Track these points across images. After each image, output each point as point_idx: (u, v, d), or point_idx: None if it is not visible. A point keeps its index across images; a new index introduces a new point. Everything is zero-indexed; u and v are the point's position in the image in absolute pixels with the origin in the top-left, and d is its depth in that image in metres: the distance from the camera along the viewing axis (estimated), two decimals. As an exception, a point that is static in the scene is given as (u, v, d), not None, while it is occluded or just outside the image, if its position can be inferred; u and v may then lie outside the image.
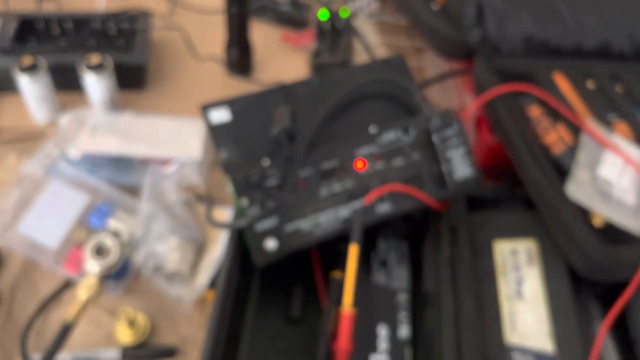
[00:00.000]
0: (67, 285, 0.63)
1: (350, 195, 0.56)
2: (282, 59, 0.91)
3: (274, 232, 0.53)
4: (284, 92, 0.60)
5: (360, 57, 0.89)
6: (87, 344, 0.60)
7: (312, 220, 0.55)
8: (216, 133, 0.58)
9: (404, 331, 0.57)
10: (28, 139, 0.77)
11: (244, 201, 0.53)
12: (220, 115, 0.59)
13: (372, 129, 0.57)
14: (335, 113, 0.61)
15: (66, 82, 0.79)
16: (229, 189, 0.68)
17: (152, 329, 0.61)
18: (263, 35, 0.86)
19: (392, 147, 0.57)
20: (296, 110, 0.58)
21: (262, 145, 0.59)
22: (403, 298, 0.60)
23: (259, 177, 0.53)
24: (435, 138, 0.56)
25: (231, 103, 0.59)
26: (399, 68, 0.64)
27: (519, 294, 0.57)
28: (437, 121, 0.57)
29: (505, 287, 0.58)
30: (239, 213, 0.53)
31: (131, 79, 0.81)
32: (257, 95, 0.61)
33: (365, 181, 0.56)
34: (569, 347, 0.53)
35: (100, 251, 0.57)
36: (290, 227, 0.54)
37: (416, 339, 0.57)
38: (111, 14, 0.85)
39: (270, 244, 0.52)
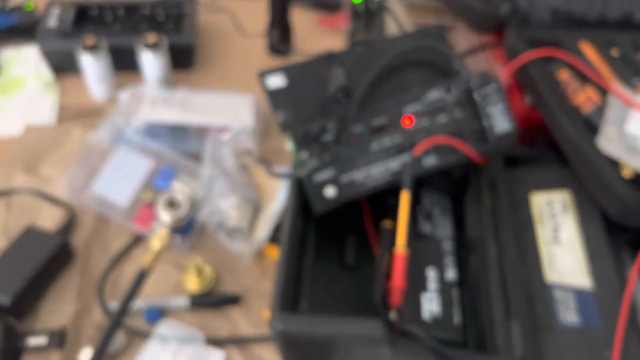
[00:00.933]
0: (137, 240, 0.68)
1: (399, 149, 0.60)
2: (319, 40, 0.95)
3: (332, 182, 0.58)
4: (333, 59, 0.64)
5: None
6: (158, 294, 0.64)
7: (365, 172, 0.59)
8: (273, 97, 0.62)
9: (451, 274, 0.61)
10: (89, 115, 0.82)
11: (304, 154, 0.58)
12: (276, 81, 0.63)
13: (417, 89, 0.61)
14: (381, 77, 0.65)
15: (121, 63, 0.83)
16: (288, 145, 0.72)
17: (216, 280, 0.66)
18: (301, 19, 0.91)
19: (436, 105, 0.61)
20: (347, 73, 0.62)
21: (314, 107, 0.63)
22: (448, 245, 0.63)
23: (317, 132, 0.58)
24: (476, 95, 0.60)
25: (286, 70, 0.64)
26: (438, 36, 0.68)
27: (555, 239, 0.60)
28: (476, 80, 0.61)
29: (542, 233, 0.61)
30: (299, 165, 0.58)
31: (181, 59, 0.85)
32: (309, 62, 0.65)
33: (412, 136, 0.60)
34: (606, 283, 0.56)
35: (171, 204, 0.61)
36: (345, 178, 0.58)
37: (462, 281, 0.61)
38: (159, 0, 0.89)
39: (330, 191, 0.57)
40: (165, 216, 0.61)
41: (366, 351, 0.49)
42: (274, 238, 0.66)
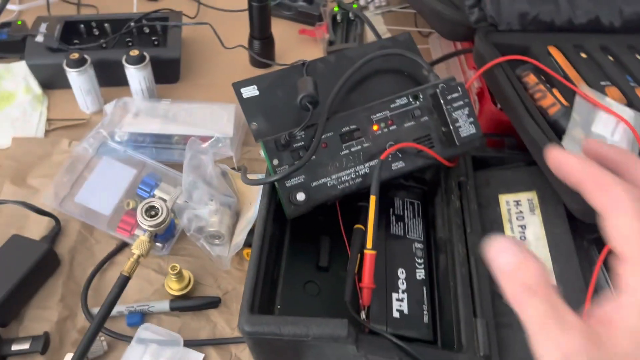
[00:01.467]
0: (121, 247, 0.69)
1: (369, 155, 0.61)
2: (300, 50, 0.97)
3: (302, 187, 0.59)
4: (304, 68, 0.65)
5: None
6: (140, 298, 0.66)
7: (335, 177, 0.60)
8: (247, 106, 0.63)
9: (420, 274, 0.62)
10: (76, 127, 0.83)
11: (275, 161, 0.59)
12: (249, 91, 0.64)
13: (385, 96, 0.63)
14: (351, 85, 0.66)
15: (107, 77, 0.85)
16: (262, 153, 0.73)
17: (195, 285, 0.67)
18: (281, 30, 0.92)
19: (404, 111, 0.63)
20: (316, 82, 0.63)
21: (287, 116, 0.64)
22: (418, 247, 0.65)
23: (286, 140, 0.59)
24: (442, 101, 0.61)
25: (258, 80, 0.65)
26: (407, 44, 0.70)
27: (523, 239, 0.62)
28: (443, 86, 0.62)
29: (510, 232, 0.62)
30: (272, 172, 0.59)
31: (166, 72, 0.87)
32: (281, 72, 0.66)
33: (380, 142, 0.61)
34: (570, 282, 0.57)
35: (150, 211, 0.63)
36: (316, 183, 0.60)
37: (431, 281, 0.62)
38: (145, 14, 0.91)
39: (299, 196, 0.58)
40: (144, 223, 0.62)
41: (335, 350, 0.51)
42: (250, 242, 0.67)
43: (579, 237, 0.63)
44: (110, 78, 0.85)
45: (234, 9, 1.03)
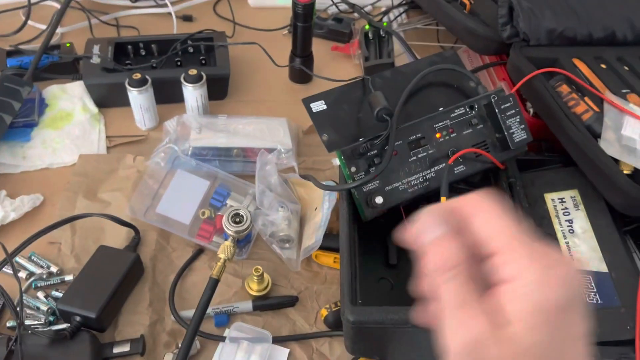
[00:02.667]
0: (197, 254, 0.73)
1: (433, 161, 0.67)
2: (335, 65, 1.02)
3: (378, 191, 0.64)
4: (369, 83, 0.70)
5: (399, 58, 1.00)
6: (221, 301, 0.69)
7: (405, 181, 0.66)
8: (317, 119, 0.68)
9: (483, 267, 0.68)
10: (136, 143, 0.87)
11: (353, 169, 0.64)
12: (318, 106, 0.69)
13: (444, 108, 0.69)
14: (408, 97, 0.72)
15: (161, 95, 0.89)
16: (335, 161, 0.78)
17: (272, 286, 0.71)
18: (314, 48, 0.97)
19: (462, 120, 0.68)
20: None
21: (353, 127, 0.69)
22: (478, 243, 0.70)
23: (364, 149, 0.64)
24: (497, 110, 0.67)
25: (325, 95, 0.70)
26: (454, 59, 0.76)
27: (571, 232, 0.68)
28: (496, 97, 0.68)
29: (559, 227, 0.69)
30: (348, 178, 0.64)
31: (216, 89, 0.91)
32: (344, 87, 0.71)
33: (443, 148, 0.67)
34: (620, 267, 0.63)
35: (235, 218, 0.67)
36: (389, 187, 0.65)
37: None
38: (190, 35, 0.95)
39: (378, 199, 0.63)
40: (230, 229, 0.66)
41: (428, 337, 0.55)
42: (322, 245, 0.72)
43: (617, 228, 0.69)
44: (163, 96, 0.89)
45: (267, 28, 1.08)
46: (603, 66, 0.83)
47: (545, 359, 0.25)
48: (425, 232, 0.28)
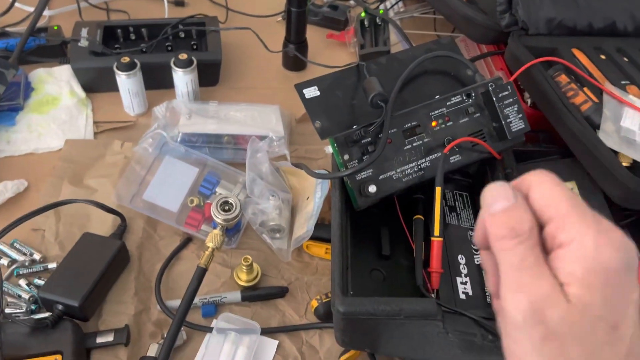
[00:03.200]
0: (185, 242, 0.71)
1: (428, 150, 0.65)
2: (330, 53, 1.00)
3: (372, 180, 0.62)
4: (364, 69, 0.68)
5: (395, 46, 0.99)
6: (209, 291, 0.68)
7: (399, 170, 0.64)
8: (310, 106, 0.66)
9: (477, 260, 0.66)
10: (124, 128, 0.85)
11: (346, 156, 0.62)
12: (311, 92, 0.67)
13: (440, 96, 0.67)
14: (403, 84, 0.70)
15: (151, 80, 0.86)
16: (328, 149, 0.76)
17: (261, 276, 0.69)
18: (309, 35, 0.95)
19: (459, 108, 0.67)
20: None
21: (346, 114, 0.67)
22: (471, 235, 0.69)
23: (357, 137, 0.62)
24: (495, 99, 0.66)
25: (318, 81, 0.68)
26: (451, 46, 0.74)
27: (568, 224, 0.66)
28: (494, 85, 0.67)
29: (556, 219, 0.67)
30: (341, 166, 0.62)
31: (207, 75, 0.89)
32: (338, 73, 0.69)
33: (439, 137, 0.65)
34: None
35: (224, 206, 0.65)
36: (383, 176, 0.63)
37: (488, 265, 0.66)
38: (181, 19, 0.93)
39: (371, 188, 0.61)
40: (219, 217, 0.64)
41: (419, 328, 0.54)
42: (313, 235, 0.70)
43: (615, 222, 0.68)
44: (152, 81, 0.87)
45: (260, 14, 1.05)
46: (602, 57, 0.81)
47: (602, 320, 0.26)
48: (497, 200, 0.30)
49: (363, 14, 0.97)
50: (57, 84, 0.87)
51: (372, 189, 0.61)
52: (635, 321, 0.27)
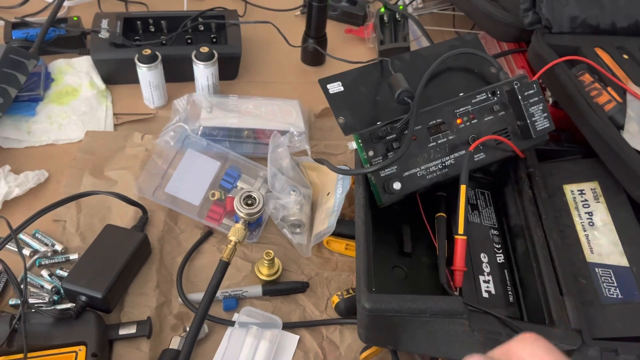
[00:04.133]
0: (206, 236, 0.71)
1: (453, 147, 0.64)
2: (348, 49, 1.00)
3: (396, 176, 0.62)
4: (389, 65, 0.68)
5: (414, 42, 0.98)
6: (230, 285, 0.68)
7: (424, 167, 0.63)
8: (333, 101, 0.66)
9: (500, 258, 0.66)
10: (143, 121, 0.85)
11: (370, 152, 0.62)
12: (335, 87, 0.67)
13: (465, 93, 0.66)
14: (428, 81, 0.69)
15: (171, 73, 0.86)
16: (352, 145, 0.76)
17: (282, 271, 0.69)
18: (328, 30, 0.94)
19: (484, 106, 0.66)
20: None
21: (370, 109, 0.67)
22: (494, 233, 0.69)
23: (383, 133, 0.62)
24: (520, 97, 0.65)
25: (342, 76, 0.68)
26: (474, 43, 0.73)
27: (591, 224, 0.66)
28: (519, 84, 0.66)
29: (578, 219, 0.67)
30: (365, 162, 0.62)
31: (226, 69, 0.88)
32: (361, 69, 0.69)
33: (463, 135, 0.65)
34: (640, 261, 0.62)
35: (247, 200, 0.65)
36: (407, 173, 0.63)
37: (509, 263, 0.66)
38: (201, 12, 0.93)
39: (396, 185, 0.61)
40: (242, 211, 0.64)
41: (444, 326, 0.54)
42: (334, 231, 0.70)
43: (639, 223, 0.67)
44: (172, 74, 0.86)
45: (279, 8, 1.05)
46: (625, 56, 0.80)
47: None
48: None
49: (382, 10, 0.97)
50: (77, 75, 0.87)
51: (397, 185, 0.61)
52: None
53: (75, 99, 0.84)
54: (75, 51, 0.90)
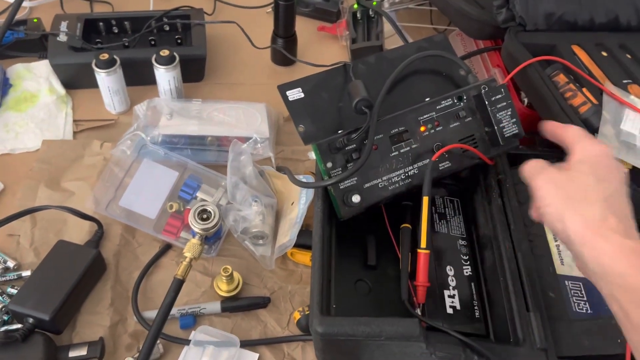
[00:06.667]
0: (166, 249, 0.69)
1: (416, 157, 0.62)
2: (321, 47, 0.97)
3: (356, 189, 0.60)
4: (350, 70, 0.65)
5: (389, 40, 0.95)
6: (188, 301, 0.66)
7: (386, 178, 0.61)
8: (293, 109, 0.63)
9: (467, 270, 0.64)
10: (104, 127, 0.82)
11: (329, 164, 0.59)
12: (295, 94, 0.64)
13: (431, 98, 0.64)
14: (392, 86, 0.67)
15: (132, 77, 0.83)
16: (311, 155, 0.74)
17: (243, 285, 0.67)
18: (300, 27, 0.92)
19: (449, 112, 0.64)
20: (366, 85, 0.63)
21: (331, 117, 0.64)
22: (462, 244, 0.66)
23: (341, 143, 0.59)
24: (487, 102, 0.63)
25: (302, 82, 0.65)
26: (443, 45, 0.71)
27: (563, 234, 0.63)
28: (486, 88, 0.63)
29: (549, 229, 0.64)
30: (324, 174, 0.60)
31: (191, 71, 0.86)
32: (323, 74, 0.66)
33: (428, 143, 0.62)
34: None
35: (202, 214, 0.63)
36: (368, 184, 0.60)
37: (477, 276, 0.64)
38: (165, 12, 0.90)
39: (355, 198, 0.59)
40: (196, 226, 0.62)
41: (401, 348, 0.52)
42: (298, 243, 0.68)
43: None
44: (135, 77, 0.84)
45: (250, 5, 1.02)
46: (604, 54, 0.78)
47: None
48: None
49: (356, 6, 0.94)
50: (36, 80, 0.84)
51: (356, 198, 0.59)
52: (617, 183, 0.46)
53: (33, 106, 0.82)
54: (35, 55, 0.88)
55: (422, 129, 0.63)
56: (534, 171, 0.49)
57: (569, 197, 0.45)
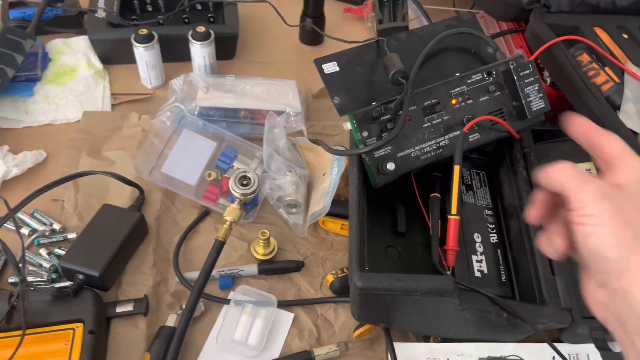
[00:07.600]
0: (203, 216, 0.72)
1: (447, 128, 0.64)
2: (346, 28, 0.99)
3: (390, 157, 0.62)
4: (385, 45, 0.68)
5: (413, 22, 0.97)
6: (226, 264, 0.69)
7: (418, 148, 0.64)
8: (329, 81, 0.66)
9: (493, 238, 0.66)
10: (141, 101, 0.85)
11: (364, 133, 0.62)
12: (330, 67, 0.67)
13: (462, 73, 0.66)
14: (423, 61, 0.69)
15: (168, 53, 0.86)
16: (346, 126, 0.76)
17: (277, 250, 0.70)
18: (327, 9, 0.94)
19: (479, 86, 0.66)
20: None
21: (365, 90, 0.67)
22: (488, 213, 0.69)
23: (377, 113, 0.62)
24: (516, 77, 0.65)
25: (337, 56, 0.67)
26: (472, 23, 0.73)
27: (585, 205, 0.66)
28: (515, 64, 0.66)
29: (573, 200, 0.67)
30: (359, 143, 0.62)
31: (224, 49, 0.88)
32: (357, 49, 0.69)
33: (458, 115, 0.65)
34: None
35: (242, 180, 0.66)
36: (401, 154, 0.63)
37: (502, 243, 0.67)
38: (198, -10, 0.92)
39: (390, 165, 0.61)
40: (237, 191, 0.65)
41: (435, 305, 0.55)
42: (329, 211, 0.70)
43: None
44: (169, 54, 0.86)
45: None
46: (625, 36, 0.80)
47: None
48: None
49: (382, -12, 0.96)
50: (74, 55, 0.87)
51: (391, 166, 0.61)
52: None
53: (72, 79, 0.84)
54: (73, 31, 0.90)
55: (454, 101, 0.65)
56: (573, 177, 0.38)
57: (630, 223, 0.35)
